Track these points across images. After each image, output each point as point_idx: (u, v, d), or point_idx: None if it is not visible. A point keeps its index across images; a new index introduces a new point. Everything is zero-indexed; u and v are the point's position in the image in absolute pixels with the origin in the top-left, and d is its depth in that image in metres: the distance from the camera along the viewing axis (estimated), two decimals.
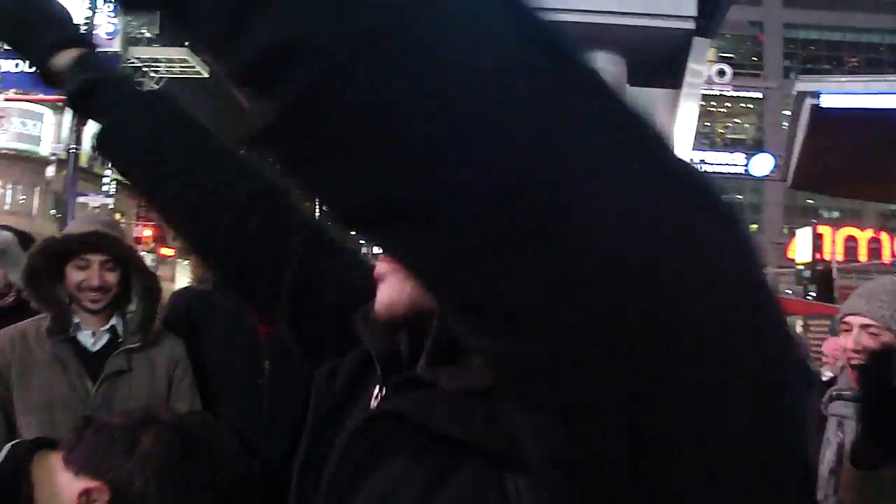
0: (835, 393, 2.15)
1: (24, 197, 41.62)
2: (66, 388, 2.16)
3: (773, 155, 26.26)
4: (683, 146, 8.67)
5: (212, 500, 1.36)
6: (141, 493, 1.29)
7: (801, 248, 21.23)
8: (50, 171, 31.18)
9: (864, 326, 2.04)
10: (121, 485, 1.29)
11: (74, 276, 2.20)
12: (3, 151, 29.90)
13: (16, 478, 1.29)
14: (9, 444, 1.35)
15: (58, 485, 1.30)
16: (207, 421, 2.22)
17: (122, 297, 2.27)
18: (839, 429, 2.05)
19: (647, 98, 8.72)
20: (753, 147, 35.04)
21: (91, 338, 2.24)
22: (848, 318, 2.09)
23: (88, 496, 1.28)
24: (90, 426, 1.36)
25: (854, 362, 2.05)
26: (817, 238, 20.58)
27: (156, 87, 15.78)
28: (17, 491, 1.27)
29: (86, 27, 14.25)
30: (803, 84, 11.28)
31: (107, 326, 2.26)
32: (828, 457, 2.03)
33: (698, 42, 8.43)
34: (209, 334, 2.43)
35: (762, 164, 26.61)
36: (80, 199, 17.36)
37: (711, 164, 29.44)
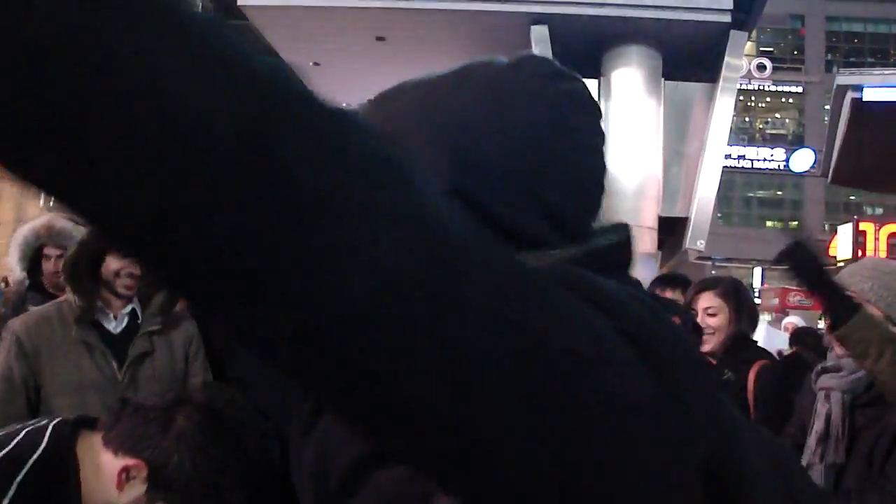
0: (821, 368, 2.28)
1: None
2: (94, 370, 2.25)
3: (813, 150, 25.86)
4: (720, 141, 8.57)
5: (242, 477, 1.42)
6: (177, 469, 1.36)
7: (842, 246, 20.84)
8: None
9: None
10: (157, 462, 1.36)
11: (114, 263, 2.28)
12: None
13: (63, 456, 1.37)
14: (51, 423, 1.41)
15: (100, 461, 1.38)
16: (235, 398, 2.28)
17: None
18: (826, 400, 2.16)
19: (684, 92, 8.64)
20: (794, 142, 34.55)
21: (113, 321, 2.34)
22: None
23: (128, 473, 1.35)
24: (127, 407, 1.44)
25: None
26: (859, 235, 20.16)
27: None
28: (65, 469, 1.35)
29: None
30: (845, 77, 11.08)
31: (127, 310, 2.36)
32: (816, 426, 2.16)
33: (735, 35, 8.33)
34: None
35: (803, 160, 26.21)
36: None
37: (751, 160, 29.09)
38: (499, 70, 0.74)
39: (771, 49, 36.19)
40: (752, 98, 38.15)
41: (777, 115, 40.33)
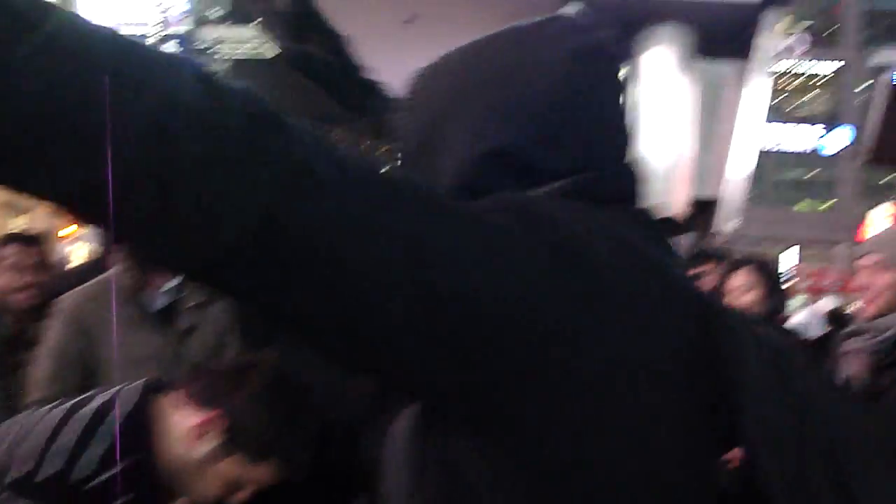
0: (848, 331, 2.36)
1: None
2: (144, 344, 2.34)
3: (854, 126, 25.41)
4: (754, 120, 8.48)
5: (307, 438, 1.53)
6: (248, 425, 1.46)
7: (876, 227, 20.58)
8: None
9: (872, 263, 2.23)
10: (231, 418, 1.46)
11: None
12: None
13: (140, 414, 1.46)
14: (124, 386, 1.52)
15: (175, 421, 1.47)
16: (306, 362, 2.38)
17: None
18: (852, 361, 2.23)
19: (716, 72, 8.54)
20: (828, 122, 33.98)
21: (158, 297, 2.44)
22: (860, 261, 2.28)
23: (203, 428, 1.45)
24: (201, 368, 1.58)
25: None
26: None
27: (223, 67, 16.09)
28: (142, 426, 1.45)
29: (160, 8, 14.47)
30: (881, 56, 10.87)
31: (170, 286, 2.44)
32: None
33: (768, 14, 8.21)
34: None
35: (837, 139, 25.78)
36: None
37: (785, 140, 28.67)
38: (527, 29, 0.82)
39: (805, 27, 35.51)
40: (787, 77, 37.54)
41: (811, 95, 39.69)
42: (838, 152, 26.38)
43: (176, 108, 0.52)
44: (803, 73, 37.34)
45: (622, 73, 0.84)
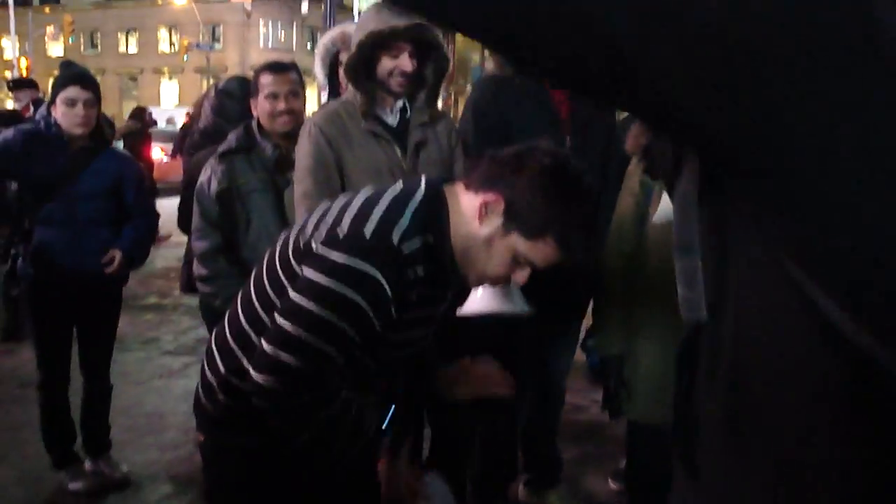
0: None
1: (284, 32, 42.12)
2: (383, 157, 2.59)
3: None
4: None
5: (584, 220, 1.65)
6: (528, 203, 1.59)
7: None
8: (304, 6, 32.44)
9: None
10: (512, 197, 1.60)
11: (387, 63, 2.55)
12: None
13: (437, 194, 1.67)
14: (421, 176, 1.74)
15: (462, 202, 1.66)
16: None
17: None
18: None
19: None
20: None
21: (390, 114, 2.65)
22: None
23: (487, 207, 1.61)
24: (483, 156, 1.70)
25: None
26: None
27: None
28: (439, 203, 1.65)
29: None
30: None
31: (398, 105, 2.65)
32: None
33: None
34: (513, 113, 2.70)
35: None
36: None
37: None
38: None
39: None
40: None
41: None
42: None
43: None
44: None
45: None
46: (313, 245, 1.60)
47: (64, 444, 3.55)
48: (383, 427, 1.75)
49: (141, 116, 11.55)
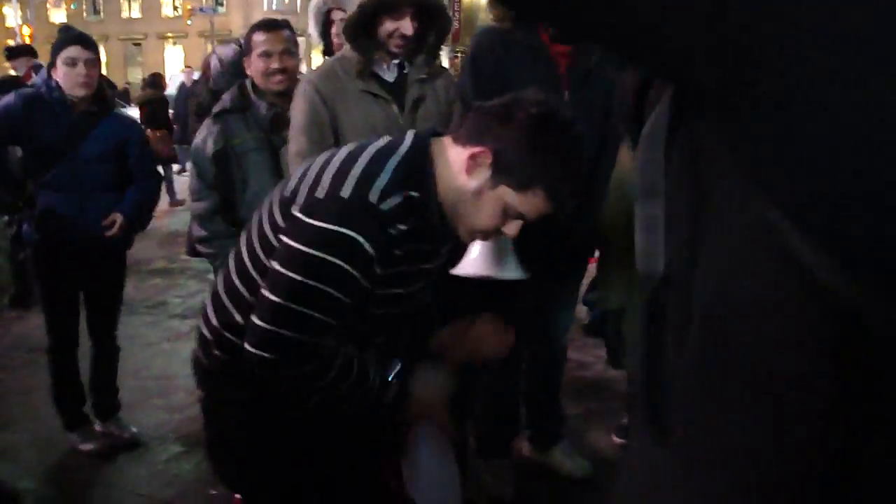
0: None
1: None
2: (380, 114, 2.59)
3: None
4: None
5: (574, 173, 1.64)
6: (515, 153, 1.59)
7: None
8: None
9: None
10: (500, 148, 1.59)
11: (389, 25, 2.54)
12: None
13: (422, 149, 1.65)
14: (408, 132, 1.73)
15: (450, 156, 1.64)
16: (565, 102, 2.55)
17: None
18: None
19: None
20: None
21: (387, 72, 2.64)
22: None
23: (475, 160, 1.60)
24: (471, 109, 1.71)
25: None
26: None
27: None
28: (423, 158, 1.64)
29: None
30: None
31: (397, 62, 2.63)
32: None
33: None
34: (512, 67, 2.65)
35: None
36: None
37: None
38: None
39: None
40: None
41: None
42: None
43: None
44: None
45: None
46: (293, 209, 1.60)
47: (74, 406, 3.61)
48: (389, 380, 1.76)
49: (159, 83, 11.45)
